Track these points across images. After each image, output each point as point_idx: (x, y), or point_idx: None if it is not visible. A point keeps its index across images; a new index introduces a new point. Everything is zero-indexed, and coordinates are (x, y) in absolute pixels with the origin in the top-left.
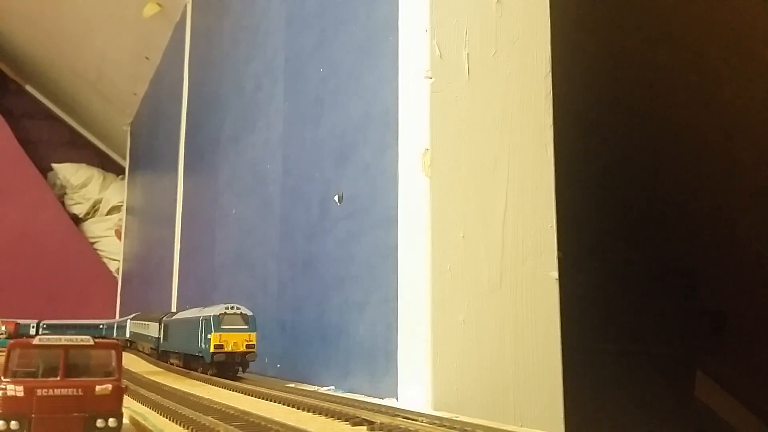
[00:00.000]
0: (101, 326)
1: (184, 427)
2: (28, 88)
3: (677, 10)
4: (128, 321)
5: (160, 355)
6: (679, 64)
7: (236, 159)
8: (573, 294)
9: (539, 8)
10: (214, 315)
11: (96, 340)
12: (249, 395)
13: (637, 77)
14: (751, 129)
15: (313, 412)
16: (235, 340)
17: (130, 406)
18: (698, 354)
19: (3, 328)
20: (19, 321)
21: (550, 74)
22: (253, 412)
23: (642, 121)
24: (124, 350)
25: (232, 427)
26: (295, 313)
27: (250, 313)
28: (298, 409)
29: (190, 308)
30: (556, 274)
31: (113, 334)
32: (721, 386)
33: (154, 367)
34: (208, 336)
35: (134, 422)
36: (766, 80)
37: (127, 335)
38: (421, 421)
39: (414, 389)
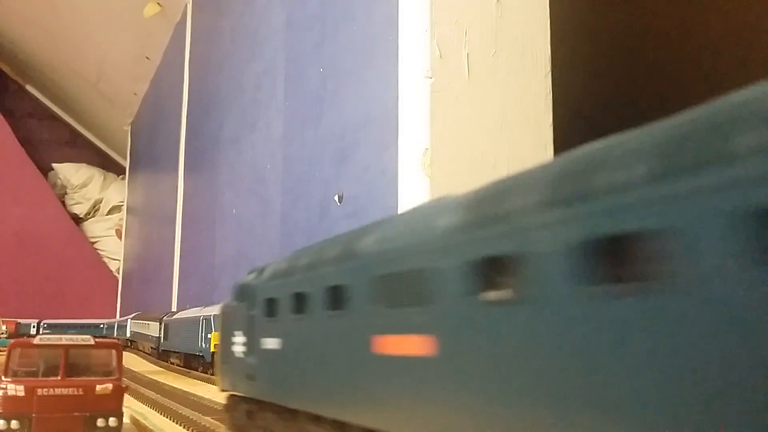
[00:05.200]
0: (102, 326)
1: (184, 427)
2: (29, 88)
3: (677, 10)
4: (129, 320)
5: (160, 354)
6: (680, 63)
7: (236, 159)
8: None
9: (539, 8)
10: (214, 315)
11: (96, 340)
12: None
13: (637, 76)
14: None
15: None
16: None
17: (130, 405)
18: None
19: (4, 327)
20: (19, 320)
21: (550, 74)
22: None
23: (642, 121)
24: (124, 349)
25: None
26: None
27: None
28: None
29: (190, 308)
30: None
31: (114, 333)
32: None
33: (155, 367)
34: (208, 336)
35: (135, 421)
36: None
37: (128, 335)
38: None
39: None
